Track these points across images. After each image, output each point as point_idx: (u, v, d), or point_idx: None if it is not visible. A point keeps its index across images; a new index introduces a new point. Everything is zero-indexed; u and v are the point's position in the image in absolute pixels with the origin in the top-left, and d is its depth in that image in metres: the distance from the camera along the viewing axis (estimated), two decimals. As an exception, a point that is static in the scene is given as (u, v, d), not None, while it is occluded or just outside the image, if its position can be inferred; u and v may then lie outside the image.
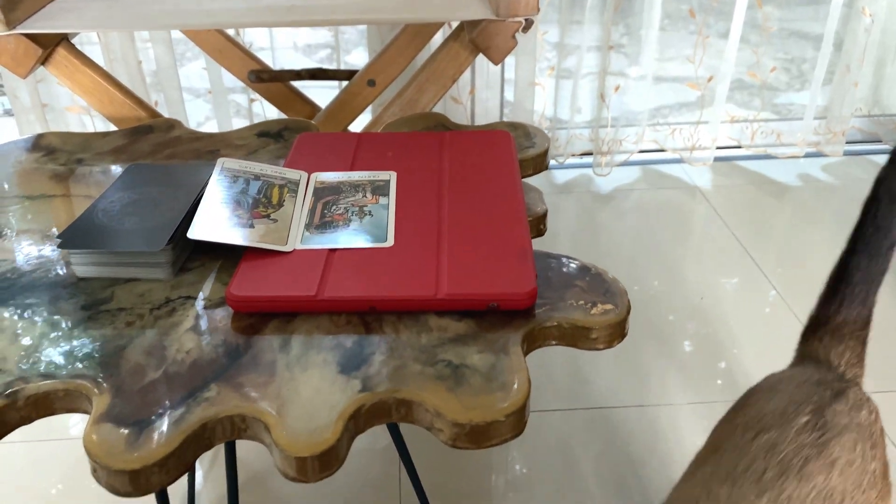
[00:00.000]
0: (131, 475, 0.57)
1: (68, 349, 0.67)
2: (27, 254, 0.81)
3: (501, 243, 0.78)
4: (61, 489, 1.35)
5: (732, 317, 1.75)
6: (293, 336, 0.69)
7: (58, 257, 0.80)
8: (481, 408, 0.61)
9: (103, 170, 0.98)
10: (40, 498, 1.33)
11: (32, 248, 0.82)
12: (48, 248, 0.82)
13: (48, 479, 1.37)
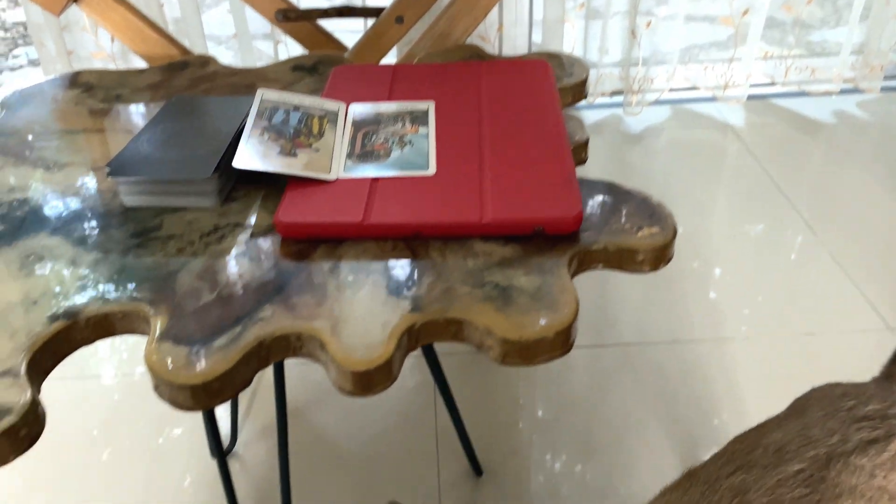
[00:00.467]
0: (192, 390, 0.59)
1: (123, 274, 0.69)
2: (74, 185, 0.82)
3: (545, 169, 0.78)
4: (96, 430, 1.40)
5: (765, 255, 1.74)
6: (341, 261, 0.70)
7: (105, 188, 0.81)
8: (530, 325, 0.62)
9: (141, 105, 0.99)
10: (80, 434, 1.38)
11: (79, 179, 0.83)
12: (95, 180, 0.83)
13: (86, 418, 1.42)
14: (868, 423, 0.68)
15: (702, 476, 0.67)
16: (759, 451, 0.67)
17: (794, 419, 0.71)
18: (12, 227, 0.76)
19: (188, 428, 1.38)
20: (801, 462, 0.65)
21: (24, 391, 0.58)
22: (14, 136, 0.92)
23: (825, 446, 0.66)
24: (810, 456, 0.65)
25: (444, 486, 1.26)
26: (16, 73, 3.09)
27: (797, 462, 0.65)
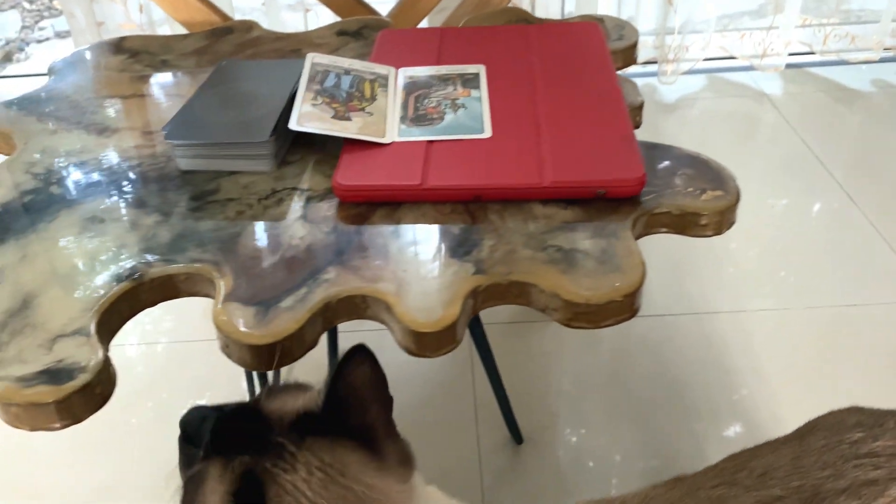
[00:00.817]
0: (263, 350, 0.59)
1: (185, 237, 0.69)
2: (129, 150, 0.82)
3: (603, 132, 0.76)
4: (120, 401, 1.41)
5: (803, 225, 1.71)
6: (400, 224, 0.70)
7: (159, 152, 0.81)
8: (597, 288, 0.61)
9: (188, 69, 0.98)
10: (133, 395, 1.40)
11: (133, 144, 0.83)
12: (148, 144, 0.83)
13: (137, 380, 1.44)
14: (871, 460, 0.64)
15: (688, 482, 0.66)
16: (745, 473, 0.65)
17: (792, 444, 0.68)
18: (71, 190, 0.76)
19: (214, 398, 1.40)
20: (783, 490, 0.63)
21: (96, 350, 0.58)
22: (64, 102, 0.92)
23: (814, 479, 0.63)
24: (794, 486, 0.63)
25: (485, 453, 1.26)
26: (42, 45, 3.10)
27: (779, 489, 0.63)
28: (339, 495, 0.50)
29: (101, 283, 0.64)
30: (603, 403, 1.35)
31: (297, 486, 0.50)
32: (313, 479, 0.50)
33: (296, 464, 0.51)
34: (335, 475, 0.51)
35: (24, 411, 0.55)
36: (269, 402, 0.56)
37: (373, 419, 0.54)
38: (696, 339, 1.45)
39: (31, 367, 0.57)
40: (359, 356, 0.52)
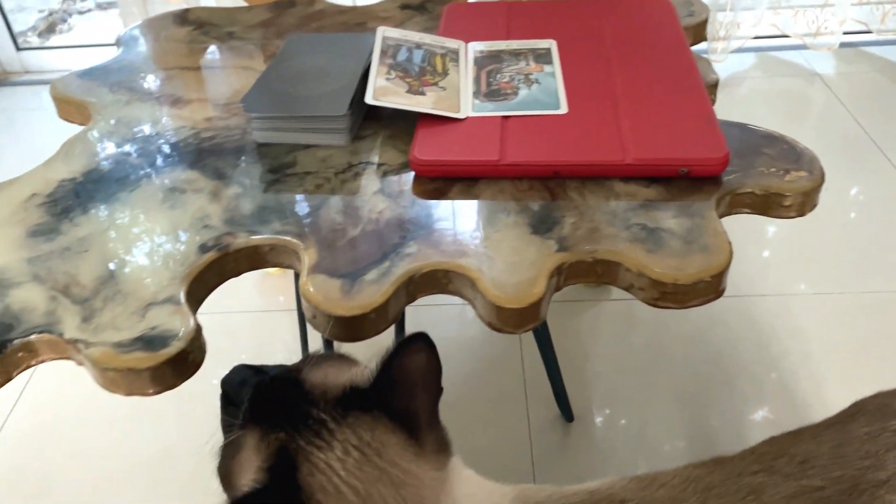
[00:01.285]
0: (349, 321, 0.60)
1: (266, 208, 0.70)
2: (203, 121, 0.83)
3: (683, 109, 0.75)
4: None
5: (857, 208, 1.68)
6: (478, 200, 0.70)
7: (234, 124, 0.82)
8: (684, 269, 0.61)
9: (255, 42, 0.98)
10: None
11: (207, 115, 0.84)
12: (222, 116, 0.83)
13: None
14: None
15: (728, 466, 0.66)
16: (785, 459, 0.64)
17: (834, 430, 0.67)
18: (149, 161, 0.77)
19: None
20: (823, 480, 0.62)
21: (187, 318, 0.59)
22: (135, 73, 0.93)
23: (854, 469, 0.62)
24: (835, 476, 0.62)
25: (534, 430, 1.27)
26: (84, 16, 3.12)
27: (819, 479, 0.62)
28: (373, 476, 0.50)
29: (187, 252, 0.65)
30: (650, 384, 1.35)
31: (331, 465, 0.50)
32: (349, 458, 0.50)
33: (333, 441, 0.50)
34: (371, 455, 0.50)
35: (121, 377, 0.56)
36: (312, 373, 0.56)
37: (418, 406, 0.54)
38: (742, 322, 1.44)
39: (126, 334, 0.58)
40: (419, 343, 0.52)
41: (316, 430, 0.50)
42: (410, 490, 0.51)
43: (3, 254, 0.66)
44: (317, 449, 0.50)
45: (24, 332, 0.58)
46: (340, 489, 0.49)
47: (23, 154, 2.01)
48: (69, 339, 0.58)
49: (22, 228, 0.69)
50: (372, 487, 0.49)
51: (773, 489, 0.62)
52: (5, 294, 0.62)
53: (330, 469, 0.49)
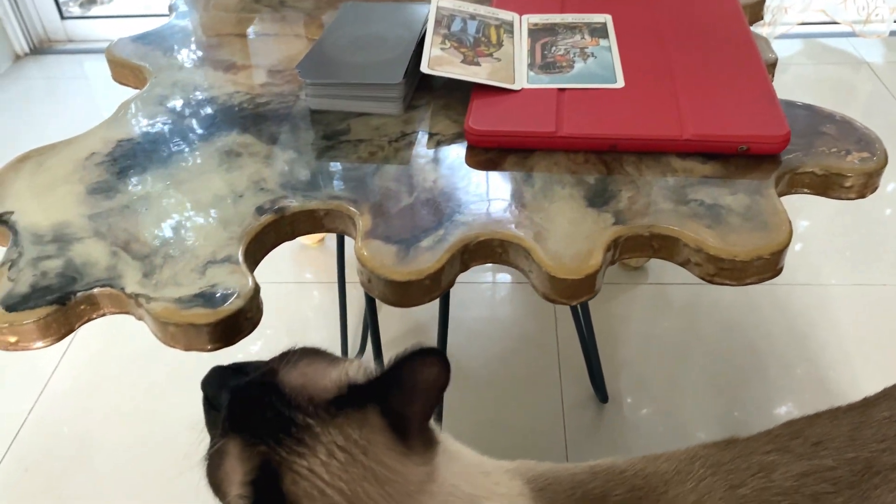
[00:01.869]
0: (403, 286, 0.60)
1: (321, 173, 0.70)
2: (257, 87, 0.83)
3: (742, 86, 0.74)
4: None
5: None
6: (533, 171, 0.69)
7: (287, 91, 0.82)
8: (743, 245, 0.60)
9: (307, 10, 0.99)
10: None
11: (260, 81, 0.84)
12: (276, 82, 0.84)
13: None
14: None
15: (740, 445, 0.65)
16: (800, 440, 0.64)
17: (854, 413, 0.67)
18: (205, 124, 0.78)
19: (305, 338, 1.43)
20: (836, 460, 0.61)
21: (246, 277, 0.60)
22: (188, 39, 0.94)
23: (869, 452, 0.62)
24: (849, 458, 0.62)
25: (568, 409, 1.27)
26: (125, -12, 3.14)
27: (832, 459, 0.62)
28: (359, 475, 0.50)
29: (244, 213, 0.66)
30: (683, 369, 1.34)
31: (314, 470, 0.50)
32: (333, 461, 0.50)
33: (316, 445, 0.50)
34: (357, 454, 0.50)
35: (181, 332, 0.57)
36: (291, 373, 0.54)
37: (415, 412, 0.53)
38: (778, 311, 1.42)
39: (186, 290, 0.59)
40: (435, 358, 0.51)
41: (298, 437, 0.50)
42: (396, 486, 0.51)
43: (65, 210, 0.67)
44: (298, 456, 0.50)
45: (87, 286, 0.60)
46: (326, 492, 0.49)
47: (66, 121, 2.04)
48: (130, 294, 0.59)
49: (82, 186, 0.70)
50: (357, 486, 0.50)
51: (784, 468, 0.62)
52: (68, 248, 0.63)
53: (313, 474, 0.50)
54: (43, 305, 0.58)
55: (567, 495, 0.61)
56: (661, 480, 0.63)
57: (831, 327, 1.37)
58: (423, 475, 0.52)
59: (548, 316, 1.44)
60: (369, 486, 0.50)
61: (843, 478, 0.61)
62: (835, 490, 0.60)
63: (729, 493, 0.61)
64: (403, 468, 0.51)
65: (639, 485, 0.62)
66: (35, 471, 1.22)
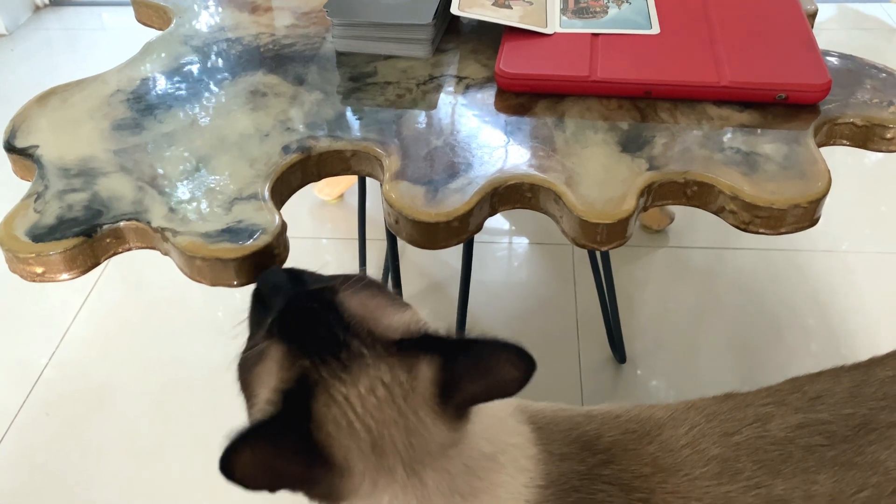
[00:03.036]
0: (431, 228, 0.59)
1: (347, 115, 0.69)
2: (282, 28, 0.82)
3: (781, 34, 0.72)
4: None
5: (932, 170, 1.61)
6: (565, 117, 0.68)
7: (313, 32, 0.81)
8: (781, 193, 0.59)
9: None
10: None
11: (286, 23, 0.83)
12: (302, 24, 0.82)
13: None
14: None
15: (739, 398, 0.65)
16: (798, 395, 0.64)
17: (857, 372, 0.66)
18: (231, 64, 0.77)
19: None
20: (832, 415, 0.61)
21: (273, 213, 0.59)
22: (212, -20, 0.92)
23: (867, 409, 0.62)
24: (845, 413, 0.61)
25: (585, 370, 1.27)
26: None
27: (828, 413, 0.61)
28: (391, 419, 0.49)
29: (270, 152, 0.65)
30: (702, 332, 1.33)
31: (350, 400, 0.49)
32: (371, 397, 0.49)
33: (362, 376, 0.50)
34: (397, 397, 0.50)
35: (208, 266, 0.57)
36: (350, 299, 0.53)
37: (469, 392, 0.51)
38: (800, 277, 1.40)
39: (212, 225, 0.58)
40: (524, 365, 0.50)
41: (345, 363, 0.50)
42: (421, 440, 0.51)
43: (90, 144, 0.67)
44: (339, 381, 0.49)
45: (113, 219, 0.59)
46: (354, 425, 0.49)
47: (86, 72, 2.03)
48: (156, 228, 0.59)
49: (107, 122, 0.69)
50: (385, 429, 0.49)
51: (780, 419, 0.62)
52: (94, 182, 0.63)
53: (348, 403, 0.49)
54: (69, 237, 0.58)
55: (564, 435, 0.62)
56: (655, 424, 0.64)
57: (853, 295, 1.36)
58: (449, 440, 0.52)
59: (567, 278, 1.43)
60: (396, 432, 0.50)
61: (839, 432, 0.61)
62: (829, 443, 0.60)
63: (723, 439, 0.61)
64: (434, 427, 0.51)
65: (633, 428, 0.63)
66: (56, 415, 1.24)
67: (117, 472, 1.16)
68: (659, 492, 0.59)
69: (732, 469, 0.60)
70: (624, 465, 0.60)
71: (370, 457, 0.49)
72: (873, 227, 1.50)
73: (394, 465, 0.50)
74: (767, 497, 0.58)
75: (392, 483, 0.50)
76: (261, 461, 0.46)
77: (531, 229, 1.56)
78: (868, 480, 0.58)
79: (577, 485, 0.58)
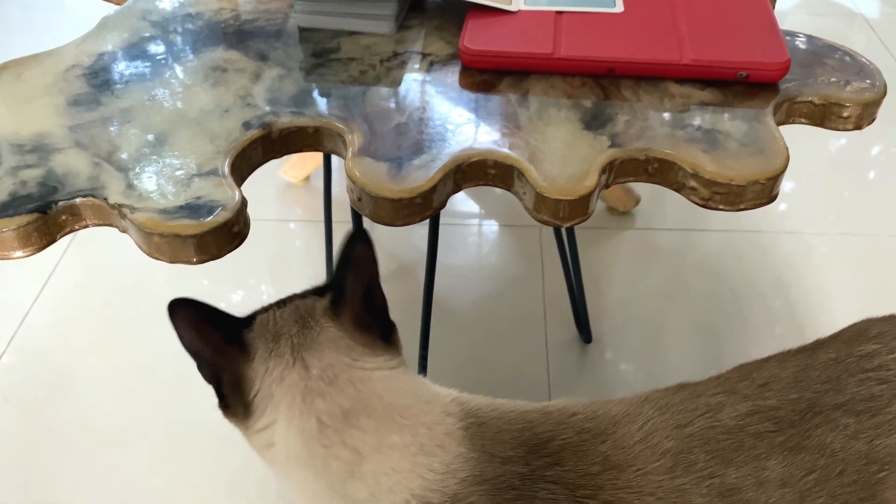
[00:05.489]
0: (394, 204, 0.59)
1: (310, 91, 0.68)
2: (245, 3, 0.80)
3: (743, 15, 0.72)
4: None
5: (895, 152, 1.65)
6: (528, 94, 0.68)
7: (275, 9, 0.79)
8: (740, 169, 0.59)
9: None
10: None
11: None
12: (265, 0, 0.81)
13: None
14: (877, 374, 0.63)
15: (690, 388, 0.67)
16: (747, 382, 0.65)
17: (802, 356, 0.68)
18: (191, 40, 0.75)
19: (289, 275, 1.42)
20: (779, 401, 0.63)
21: (233, 190, 0.58)
22: (171, -46, 0.90)
23: (812, 392, 0.63)
24: (792, 398, 0.63)
25: (552, 349, 1.28)
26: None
27: (775, 399, 0.63)
28: (291, 318, 0.62)
29: (231, 128, 0.64)
30: (668, 313, 1.35)
31: (275, 312, 0.63)
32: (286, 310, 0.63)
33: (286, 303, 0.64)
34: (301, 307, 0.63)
35: (167, 243, 0.56)
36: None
37: (349, 286, 0.62)
38: (764, 258, 1.43)
39: (171, 202, 0.57)
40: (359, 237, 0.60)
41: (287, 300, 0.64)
42: (310, 332, 0.62)
43: (45, 120, 0.65)
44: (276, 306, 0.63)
45: (69, 195, 0.58)
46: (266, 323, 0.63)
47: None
48: (114, 204, 0.57)
49: (62, 97, 0.67)
50: (287, 324, 0.62)
51: (730, 408, 0.63)
52: (48, 158, 0.61)
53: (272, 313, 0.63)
54: (23, 213, 0.56)
55: (513, 436, 0.62)
56: (610, 422, 0.64)
57: (816, 276, 1.39)
58: (344, 342, 0.62)
59: (534, 260, 1.44)
60: (292, 325, 0.62)
61: (786, 417, 0.62)
62: (777, 429, 0.62)
63: (676, 431, 0.62)
64: (323, 324, 0.62)
65: (587, 427, 0.63)
66: (15, 402, 1.22)
67: (79, 459, 1.14)
68: (608, 488, 0.60)
69: (686, 461, 0.60)
70: (571, 466, 0.61)
71: (269, 343, 0.61)
72: (836, 210, 1.53)
73: (283, 349, 0.61)
74: (721, 487, 0.59)
75: (279, 363, 0.60)
76: (195, 318, 0.59)
77: (499, 211, 1.56)
78: (816, 463, 0.60)
79: (517, 484, 0.59)
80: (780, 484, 0.59)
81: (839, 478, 0.59)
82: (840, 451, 0.60)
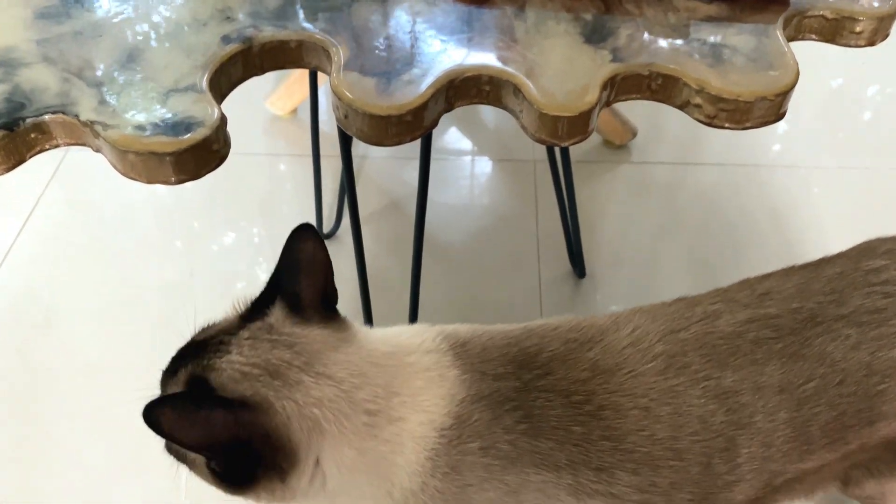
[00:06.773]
0: (382, 122, 0.56)
1: (293, 4, 0.64)
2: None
3: (754, -77, 0.68)
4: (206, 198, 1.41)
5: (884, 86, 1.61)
6: (526, 8, 0.64)
7: (255, -82, 0.74)
8: (747, 85, 0.56)
9: None
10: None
11: None
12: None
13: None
14: (883, 288, 0.63)
15: (687, 300, 0.66)
16: (747, 292, 0.65)
17: (807, 270, 0.67)
18: (164, -51, 0.70)
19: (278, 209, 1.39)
20: (779, 310, 0.62)
21: (212, 106, 0.55)
22: None
23: (814, 303, 0.62)
24: (793, 308, 0.62)
25: (545, 284, 1.26)
26: None
27: (775, 308, 0.62)
28: (269, 348, 0.58)
29: (209, 42, 0.60)
30: (662, 247, 1.33)
31: (232, 361, 0.57)
32: (244, 348, 0.58)
33: (230, 347, 0.58)
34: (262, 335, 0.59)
35: (142, 161, 0.53)
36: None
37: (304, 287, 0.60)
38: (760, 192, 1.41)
39: (146, 118, 0.54)
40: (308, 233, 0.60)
41: (215, 349, 0.59)
42: (303, 346, 0.59)
43: (10, 34, 0.61)
44: (218, 358, 0.58)
45: (37, 112, 0.54)
46: (244, 370, 0.57)
47: None
48: (85, 121, 0.54)
49: (29, 10, 0.63)
50: (269, 355, 0.57)
51: (728, 315, 0.63)
52: (14, 73, 0.57)
53: (231, 363, 0.57)
54: (-12, 130, 0.53)
55: (501, 353, 0.62)
56: (597, 331, 0.64)
57: (813, 209, 1.37)
58: (332, 338, 0.60)
59: (528, 196, 1.41)
60: (279, 352, 0.58)
61: (786, 325, 0.61)
62: (776, 336, 0.61)
63: (669, 336, 0.62)
64: (307, 332, 0.59)
65: (573, 337, 0.63)
66: (0, 340, 1.20)
67: (65, 395, 1.13)
68: (601, 392, 0.59)
69: (679, 363, 0.60)
70: (561, 374, 0.61)
71: (273, 383, 0.56)
72: (834, 142, 1.50)
73: (298, 377, 0.57)
74: (716, 389, 0.58)
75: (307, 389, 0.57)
76: (182, 413, 0.54)
77: (492, 146, 1.53)
78: (815, 371, 0.59)
79: (514, 396, 0.60)
80: (778, 390, 0.59)
81: (838, 387, 0.59)
82: (840, 361, 0.59)
